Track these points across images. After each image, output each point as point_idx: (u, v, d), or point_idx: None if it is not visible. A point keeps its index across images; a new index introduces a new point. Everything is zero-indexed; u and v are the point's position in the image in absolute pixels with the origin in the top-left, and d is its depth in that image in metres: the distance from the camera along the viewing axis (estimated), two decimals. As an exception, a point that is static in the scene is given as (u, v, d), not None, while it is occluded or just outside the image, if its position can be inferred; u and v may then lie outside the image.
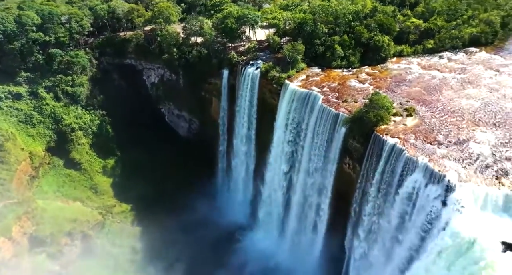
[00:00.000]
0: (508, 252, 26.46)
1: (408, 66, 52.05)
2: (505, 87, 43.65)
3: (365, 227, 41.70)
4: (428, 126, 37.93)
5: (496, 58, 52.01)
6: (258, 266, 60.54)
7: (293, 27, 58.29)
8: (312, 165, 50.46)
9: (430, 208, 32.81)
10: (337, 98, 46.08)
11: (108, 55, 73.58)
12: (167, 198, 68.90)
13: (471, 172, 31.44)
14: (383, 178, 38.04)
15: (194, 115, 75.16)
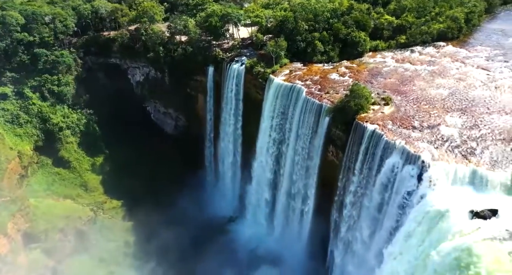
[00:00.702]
0: (475, 218, 30.01)
1: (383, 60, 55.87)
2: (469, 77, 47.86)
3: (349, 209, 45.02)
4: (403, 113, 41.54)
5: (461, 51, 56.55)
6: (248, 254, 63.33)
7: (275, 25, 61.15)
8: (298, 155, 53.48)
9: (407, 186, 36.35)
10: (320, 90, 49.28)
11: (93, 54, 74.31)
12: (156, 194, 70.49)
13: (442, 152, 35.12)
14: (364, 161, 41.39)
15: (180, 112, 76.93)
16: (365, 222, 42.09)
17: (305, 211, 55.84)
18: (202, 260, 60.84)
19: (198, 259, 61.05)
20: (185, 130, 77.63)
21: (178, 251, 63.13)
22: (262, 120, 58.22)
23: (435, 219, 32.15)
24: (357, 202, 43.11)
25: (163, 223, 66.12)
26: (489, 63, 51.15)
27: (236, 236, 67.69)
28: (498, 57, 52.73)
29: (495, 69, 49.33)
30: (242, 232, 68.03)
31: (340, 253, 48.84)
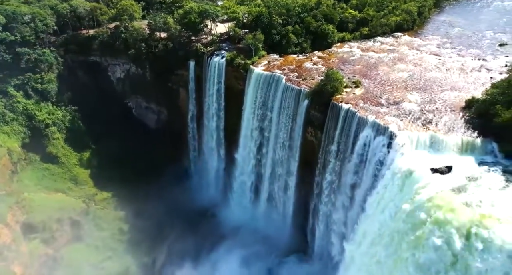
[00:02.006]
0: (435, 174, 36.03)
1: (350, 50, 61.83)
2: (424, 62, 54.69)
3: (329, 179, 50.59)
4: (372, 94, 47.51)
5: (416, 40, 63.69)
6: (235, 234, 67.45)
7: (251, 20, 65.56)
8: (280, 138, 58.38)
9: (379, 154, 42.15)
10: (297, 77, 54.41)
11: (73, 53, 75.46)
12: (143, 185, 72.95)
13: (406, 123, 41.20)
14: (341, 137, 46.97)
15: (162, 106, 79.61)
16: (344, 190, 47.82)
17: (288, 191, 60.81)
18: (193, 240, 64.46)
19: (189, 239, 64.61)
20: (167, 123, 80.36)
21: (170, 234, 66.62)
22: (244, 108, 62.58)
23: (403, 178, 37.99)
24: (336, 172, 48.68)
25: (153, 211, 69.17)
26: (439, 50, 58.44)
27: (222, 219, 71.69)
28: (446, 45, 60.18)
29: (445, 54, 56.59)
30: (228, 216, 72.00)
31: (321, 223, 54.47)
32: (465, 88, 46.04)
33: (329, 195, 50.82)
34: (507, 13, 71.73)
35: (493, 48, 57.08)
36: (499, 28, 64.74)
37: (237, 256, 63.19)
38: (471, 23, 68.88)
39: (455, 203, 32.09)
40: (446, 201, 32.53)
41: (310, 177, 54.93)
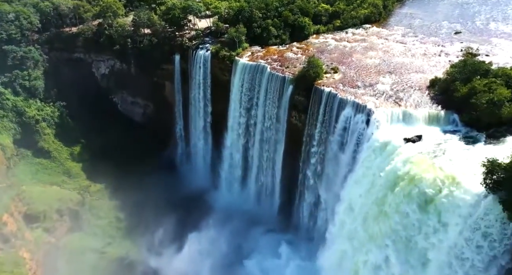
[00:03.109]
0: (408, 143, 41.55)
1: (326, 40, 66.91)
2: (392, 49, 60.55)
3: (314, 157, 55.66)
4: (349, 78, 52.85)
5: (383, 31, 69.69)
6: (227, 215, 71.26)
7: (232, 14, 69.31)
8: (266, 123, 62.63)
9: (359, 130, 47.56)
10: (280, 66, 58.88)
11: (57, 50, 76.03)
12: (134, 175, 74.02)
13: (381, 101, 46.75)
14: (324, 118, 51.95)
15: (148, 100, 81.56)
16: (329, 163, 53.00)
17: (276, 170, 65.06)
18: (186, 222, 67.75)
19: (182, 222, 67.83)
20: (154, 117, 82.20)
21: (165, 218, 69.26)
22: (231, 97, 66.31)
23: (381, 148, 43.51)
24: (321, 149, 53.75)
25: (146, 200, 71.34)
26: (404, 38, 64.66)
27: (213, 203, 75.24)
28: (410, 34, 66.51)
29: (409, 42, 62.82)
30: (218, 200, 75.57)
31: (309, 196, 59.53)
32: (429, 70, 52.29)
33: (315, 170, 55.85)
34: (459, 6, 79.45)
35: (450, 36, 64.15)
36: (453, 18, 72.18)
37: (225, 229, 67.10)
38: (429, 14, 75.97)
39: (426, 164, 37.80)
40: (418, 163, 38.21)
41: (296, 156, 59.72)
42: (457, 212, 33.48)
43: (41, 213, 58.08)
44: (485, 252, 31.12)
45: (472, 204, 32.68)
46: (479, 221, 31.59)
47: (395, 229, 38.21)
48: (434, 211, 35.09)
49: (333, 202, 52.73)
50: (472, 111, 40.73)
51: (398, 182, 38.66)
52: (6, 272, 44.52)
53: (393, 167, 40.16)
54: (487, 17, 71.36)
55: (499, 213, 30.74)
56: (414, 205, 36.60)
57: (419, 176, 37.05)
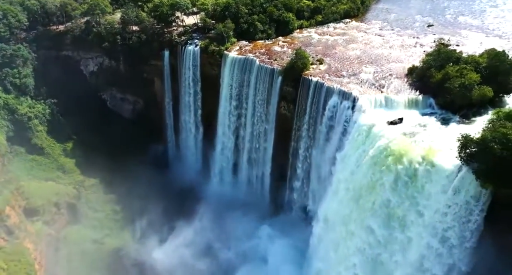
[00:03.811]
0: (391, 125, 45.27)
1: (309, 34, 70.07)
2: (372, 41, 64.41)
3: (303, 146, 58.94)
4: (334, 68, 56.28)
5: (362, 25, 73.53)
6: (219, 204, 73.55)
7: (219, 11, 71.55)
8: (256, 114, 65.20)
9: (345, 116, 51.03)
10: (269, 59, 61.64)
11: (45, 48, 76.16)
12: (127, 170, 75.28)
13: (365, 88, 50.36)
14: (312, 105, 55.27)
15: (138, 96, 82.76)
16: (318, 149, 56.40)
17: (266, 163, 67.83)
18: (181, 212, 69.87)
19: (177, 212, 69.94)
20: (144, 112, 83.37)
21: (158, 213, 71.34)
22: (221, 91, 68.65)
23: (366, 132, 47.08)
24: (309, 135, 57.01)
25: (140, 193, 73.00)
26: (382, 32, 68.67)
27: (205, 194, 77.42)
28: (387, 27, 70.68)
29: (387, 35, 66.79)
30: (210, 191, 77.85)
31: (299, 181, 62.79)
32: (406, 60, 56.31)
33: (305, 155, 59.15)
34: (430, 1, 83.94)
35: (423, 29, 68.68)
36: (425, 13, 76.86)
37: (215, 218, 69.59)
38: (403, 9, 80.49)
39: (407, 143, 41.63)
40: (401, 142, 41.98)
41: (286, 145, 62.77)
42: (438, 182, 37.45)
43: (40, 207, 58.93)
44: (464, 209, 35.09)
45: (450, 174, 36.69)
46: (457, 188, 35.60)
47: (384, 199, 41.84)
48: (418, 182, 38.92)
49: (324, 184, 56.27)
50: (447, 95, 44.74)
51: (384, 160, 42.36)
52: (14, 261, 45.65)
53: (378, 146, 43.83)
54: (456, 12, 76.45)
55: (472, 181, 34.80)
56: (399, 178, 40.38)
57: (402, 153, 40.88)
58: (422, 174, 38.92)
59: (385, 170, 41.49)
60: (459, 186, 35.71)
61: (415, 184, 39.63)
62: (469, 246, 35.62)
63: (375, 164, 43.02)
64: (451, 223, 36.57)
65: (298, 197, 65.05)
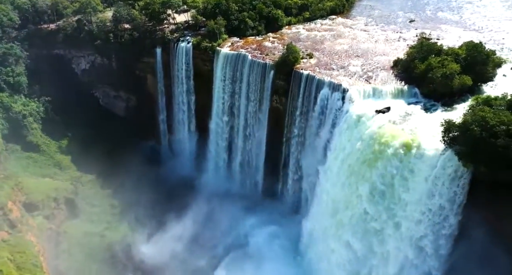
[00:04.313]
0: (379, 114, 47.87)
1: (298, 31, 72.40)
2: (358, 36, 67.14)
3: (295, 135, 61.27)
4: (324, 62, 58.73)
5: (348, 21, 76.36)
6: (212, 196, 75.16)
7: (210, 8, 73.15)
8: (249, 108, 67.11)
9: (335, 107, 53.57)
10: (261, 53, 63.69)
11: (37, 47, 76.31)
12: (123, 166, 75.75)
13: (354, 80, 52.93)
14: (304, 97, 57.61)
15: (131, 93, 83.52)
16: (309, 139, 58.85)
17: (260, 151, 69.38)
18: (176, 204, 71.33)
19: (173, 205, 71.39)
20: (137, 109, 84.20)
21: (155, 206, 72.68)
22: (214, 86, 70.24)
23: (356, 121, 49.68)
24: (301, 127, 59.40)
25: (136, 188, 73.80)
26: (367, 27, 71.70)
27: (200, 187, 78.93)
28: (372, 23, 73.79)
29: (372, 30, 69.82)
30: (205, 184, 79.46)
31: (292, 172, 65.17)
32: (391, 53, 59.19)
33: (297, 146, 61.51)
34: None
35: (406, 24, 71.98)
36: (407, 9, 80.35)
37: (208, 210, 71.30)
38: (386, 6, 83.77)
39: (395, 130, 44.39)
40: (389, 129, 44.71)
41: (279, 137, 64.98)
42: (424, 164, 40.34)
43: (39, 202, 59.50)
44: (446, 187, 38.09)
45: (435, 157, 39.60)
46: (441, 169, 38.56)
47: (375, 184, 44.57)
48: (406, 166, 41.77)
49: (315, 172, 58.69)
50: (430, 85, 47.64)
51: (374, 146, 45.08)
52: (20, 252, 46.43)
53: (367, 134, 46.52)
54: (436, 8, 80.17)
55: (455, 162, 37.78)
56: (388, 163, 43.13)
57: (390, 139, 43.67)
58: (410, 156, 41.78)
59: (375, 153, 44.26)
60: (444, 166, 38.68)
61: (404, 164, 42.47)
62: (455, 212, 38.56)
63: (365, 150, 45.71)
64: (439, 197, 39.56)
65: (291, 186, 67.52)
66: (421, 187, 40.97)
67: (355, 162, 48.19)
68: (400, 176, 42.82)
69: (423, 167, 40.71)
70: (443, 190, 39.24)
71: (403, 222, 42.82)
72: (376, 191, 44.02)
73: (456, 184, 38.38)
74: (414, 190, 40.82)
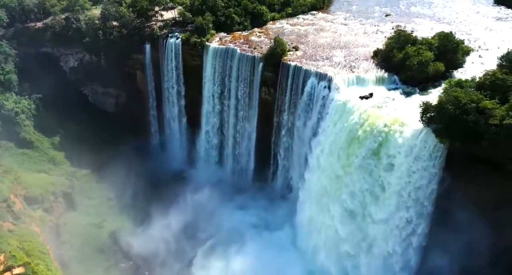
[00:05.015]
0: (363, 100, 51.85)
1: (282, 25, 75.54)
2: (339, 30, 71.00)
3: (285, 123, 64.61)
4: (309, 54, 62.16)
5: (328, 15, 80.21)
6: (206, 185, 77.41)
7: (197, 5, 75.38)
8: (239, 100, 69.73)
9: (322, 95, 57.16)
10: (249, 47, 66.48)
11: (25, 45, 76.25)
12: (115, 162, 77.07)
13: (338, 70, 56.56)
14: (292, 87, 60.97)
15: (120, 90, 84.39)
16: (298, 127, 62.33)
17: (250, 146, 72.30)
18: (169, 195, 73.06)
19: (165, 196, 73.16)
20: (127, 105, 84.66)
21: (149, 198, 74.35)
22: (204, 80, 72.28)
23: (342, 107, 53.45)
24: (290, 115, 62.74)
25: (130, 181, 75.17)
26: (347, 21, 75.67)
27: (192, 179, 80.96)
28: (351, 17, 77.80)
29: (351, 24, 73.83)
30: (197, 176, 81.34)
31: (282, 158, 68.45)
32: (371, 44, 63.31)
33: (287, 134, 64.80)
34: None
35: (382, 18, 76.56)
36: (382, 4, 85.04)
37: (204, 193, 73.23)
38: (363, 1, 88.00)
39: (378, 113, 48.38)
40: (372, 113, 48.70)
41: (268, 127, 67.91)
42: (405, 142, 44.51)
43: (39, 196, 60.34)
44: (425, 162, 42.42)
45: (414, 135, 43.84)
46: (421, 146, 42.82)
47: (360, 165, 48.50)
48: (388, 144, 45.87)
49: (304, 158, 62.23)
50: (407, 72, 52.00)
51: (359, 129, 49.00)
52: (27, 241, 47.57)
53: (353, 118, 50.37)
54: (409, 3, 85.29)
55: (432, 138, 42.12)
56: (373, 143, 47.13)
57: (374, 122, 47.68)
58: (392, 137, 45.91)
59: (361, 135, 48.18)
60: (423, 143, 42.98)
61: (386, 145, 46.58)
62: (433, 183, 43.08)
63: (352, 131, 49.56)
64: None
65: (281, 174, 70.81)
66: (403, 163, 45.18)
67: (343, 142, 51.88)
68: (385, 154, 46.95)
69: (405, 144, 44.91)
70: (422, 164, 43.62)
71: (389, 188, 46.92)
72: (364, 168, 47.86)
73: (434, 158, 42.76)
74: (398, 166, 44.88)
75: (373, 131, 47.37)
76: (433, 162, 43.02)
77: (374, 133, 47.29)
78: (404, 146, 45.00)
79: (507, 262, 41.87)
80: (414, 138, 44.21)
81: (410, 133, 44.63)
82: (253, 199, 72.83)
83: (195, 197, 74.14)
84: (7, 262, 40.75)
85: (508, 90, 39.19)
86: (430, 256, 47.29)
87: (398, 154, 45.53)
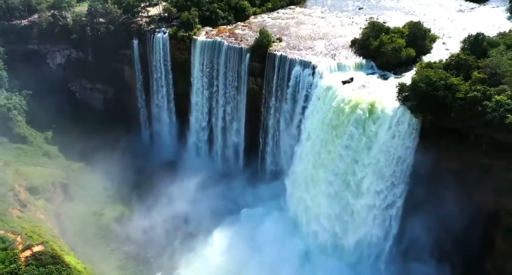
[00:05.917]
0: (345, 84, 56.68)
1: (264, 19, 79.38)
2: (317, 22, 75.56)
3: (272, 110, 68.69)
4: (293, 45, 66.22)
5: (306, 10, 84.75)
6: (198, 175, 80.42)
7: (183, 0, 78.02)
8: (227, 92, 72.86)
9: (307, 82, 61.68)
10: (235, 40, 70.09)
11: (11, 42, 76.27)
12: (107, 155, 78.40)
13: (321, 58, 60.92)
14: (278, 76, 65.11)
15: (108, 85, 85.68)
16: (285, 113, 66.55)
17: (239, 136, 75.57)
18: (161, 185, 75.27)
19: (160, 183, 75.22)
20: (115, 101, 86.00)
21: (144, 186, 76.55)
22: (192, 73, 75.09)
23: (326, 92, 58.18)
24: (277, 101, 66.84)
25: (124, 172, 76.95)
26: (324, 14, 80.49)
27: (183, 168, 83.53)
28: (327, 11, 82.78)
29: (328, 17, 78.67)
30: (187, 165, 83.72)
31: (270, 146, 72.35)
32: (348, 34, 68.05)
33: (275, 120, 68.90)
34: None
35: (356, 11, 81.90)
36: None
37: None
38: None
39: (359, 95, 53.20)
40: (354, 96, 53.47)
41: (257, 115, 71.43)
42: (384, 119, 49.67)
43: (39, 186, 61.39)
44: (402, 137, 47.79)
45: (392, 113, 49.05)
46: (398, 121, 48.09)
47: (346, 143, 53.30)
48: (370, 122, 50.90)
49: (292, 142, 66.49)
50: (383, 57, 57.15)
51: (343, 110, 53.67)
52: (37, 226, 49.18)
53: (336, 101, 55.02)
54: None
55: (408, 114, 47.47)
56: (356, 122, 52.01)
57: (356, 103, 52.50)
58: (373, 115, 50.95)
59: (345, 116, 52.94)
60: (400, 118, 48.30)
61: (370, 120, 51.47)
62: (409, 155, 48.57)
63: (336, 113, 54.20)
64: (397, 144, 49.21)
65: (270, 159, 74.64)
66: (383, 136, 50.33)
67: (332, 120, 56.20)
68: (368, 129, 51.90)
69: (384, 121, 50.05)
70: (400, 138, 48.94)
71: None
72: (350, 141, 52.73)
73: (410, 132, 48.16)
74: (379, 139, 50.04)
75: (357, 110, 51.99)
76: (408, 135, 48.40)
77: (358, 111, 51.96)
78: (384, 122, 50.10)
79: (480, 225, 47.47)
80: (392, 114, 49.41)
81: (389, 110, 49.74)
82: (244, 183, 76.41)
83: (188, 183, 76.97)
84: (25, 242, 42.53)
85: (470, 68, 44.97)
86: (409, 224, 52.69)
87: (379, 129, 50.61)
